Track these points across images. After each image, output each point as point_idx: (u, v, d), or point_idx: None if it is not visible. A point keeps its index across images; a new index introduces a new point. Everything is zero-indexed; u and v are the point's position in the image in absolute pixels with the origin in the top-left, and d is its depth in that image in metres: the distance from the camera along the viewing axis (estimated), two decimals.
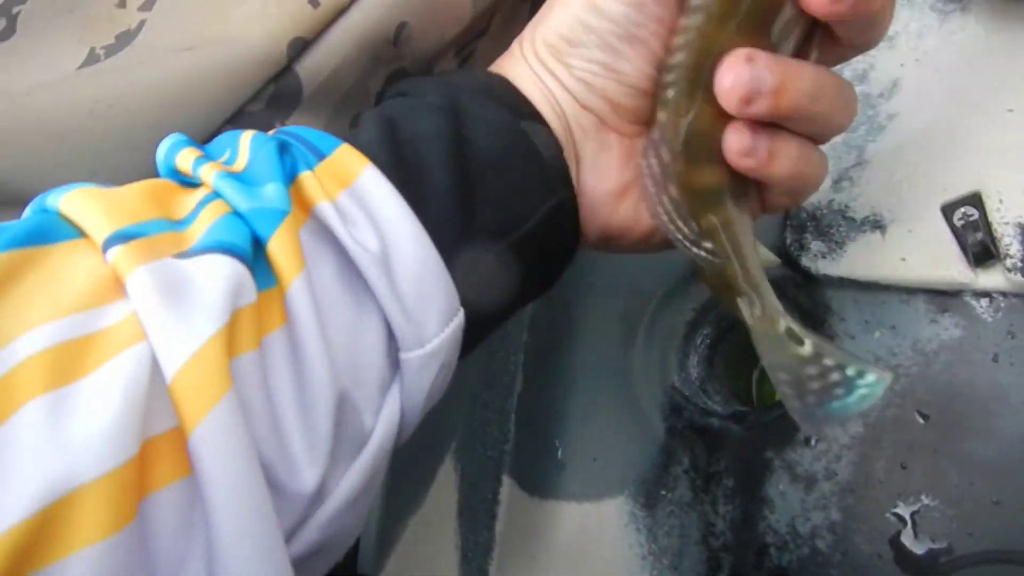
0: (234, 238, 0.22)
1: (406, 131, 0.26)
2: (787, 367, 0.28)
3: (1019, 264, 0.35)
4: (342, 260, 0.24)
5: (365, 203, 0.24)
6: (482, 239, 0.26)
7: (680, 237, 0.28)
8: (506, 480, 0.49)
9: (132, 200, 0.23)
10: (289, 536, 0.22)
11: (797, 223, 0.42)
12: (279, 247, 0.23)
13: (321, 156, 0.25)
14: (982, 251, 0.36)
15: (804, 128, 0.27)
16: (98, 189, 0.24)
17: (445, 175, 0.25)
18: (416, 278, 0.24)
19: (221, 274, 0.21)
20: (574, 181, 0.29)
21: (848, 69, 0.43)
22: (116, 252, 0.21)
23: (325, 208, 0.24)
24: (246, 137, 0.26)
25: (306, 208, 0.24)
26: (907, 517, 0.37)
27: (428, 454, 0.50)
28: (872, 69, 0.42)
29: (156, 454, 0.19)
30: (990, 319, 0.37)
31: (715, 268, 0.28)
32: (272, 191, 0.23)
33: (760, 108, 0.25)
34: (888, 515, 0.37)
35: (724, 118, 0.26)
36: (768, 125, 0.26)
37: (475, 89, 0.28)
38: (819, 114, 0.26)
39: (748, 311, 0.28)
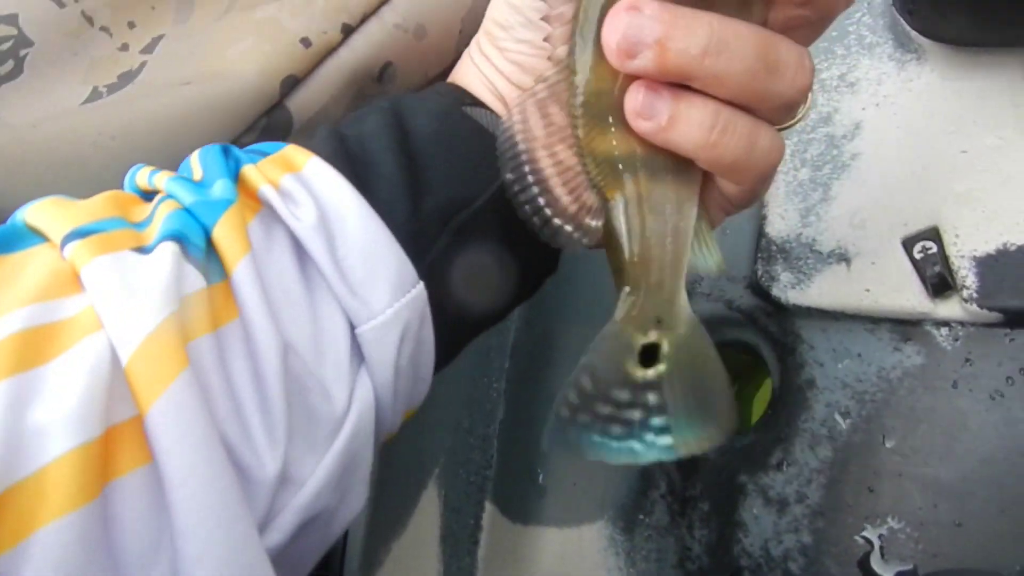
0: (180, 227, 0.23)
1: (352, 132, 0.27)
2: (598, 376, 0.24)
3: (975, 295, 0.37)
4: (295, 244, 0.25)
5: (310, 186, 0.25)
6: (438, 215, 0.26)
7: (546, 208, 0.24)
8: (488, 506, 0.49)
9: (93, 204, 0.24)
10: (269, 522, 0.23)
11: (768, 255, 0.44)
12: (222, 234, 0.23)
13: (266, 155, 0.26)
14: (940, 282, 0.38)
15: (720, 91, 0.23)
16: (63, 199, 0.25)
17: (391, 160, 0.26)
18: (362, 252, 0.25)
19: (168, 261, 0.22)
20: None
21: (815, 112, 0.45)
22: (73, 247, 0.22)
23: (266, 190, 0.25)
24: (194, 155, 0.27)
25: (255, 197, 0.25)
26: (874, 540, 0.38)
27: (411, 480, 0.51)
28: (836, 112, 0.45)
29: (120, 441, 0.20)
30: (949, 347, 0.38)
31: (594, 248, 0.25)
32: (219, 186, 0.25)
33: (644, 63, 0.22)
34: (857, 537, 0.38)
35: (630, 77, 0.23)
36: (677, 87, 0.23)
37: (418, 94, 0.29)
38: (726, 72, 0.23)
39: (625, 303, 0.24)
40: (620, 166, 0.24)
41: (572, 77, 0.24)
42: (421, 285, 0.26)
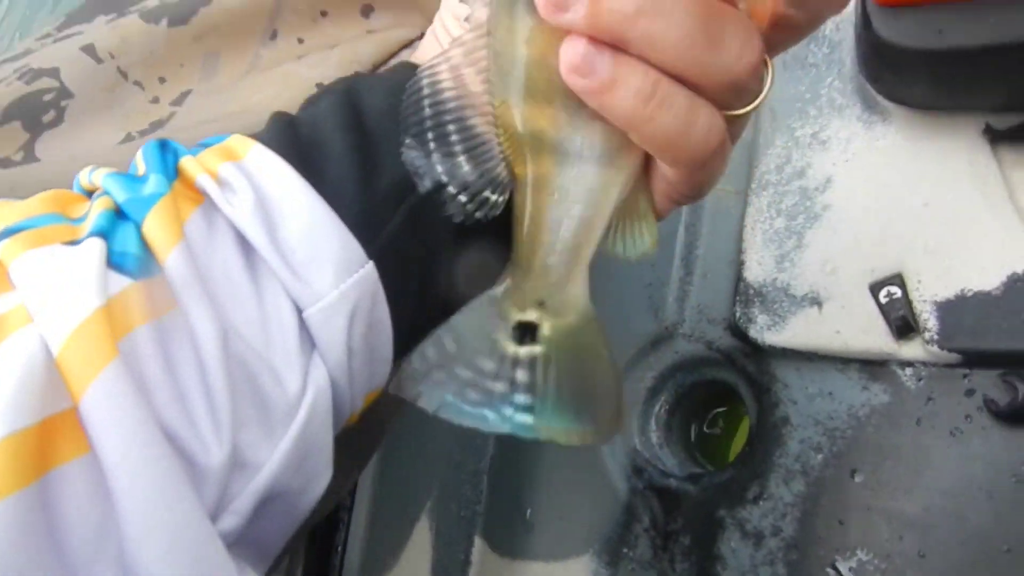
0: (110, 224, 0.23)
1: (303, 117, 0.27)
2: (463, 341, 0.23)
3: (935, 337, 0.40)
4: (239, 233, 0.25)
5: (249, 173, 0.25)
6: (391, 196, 0.25)
7: (443, 175, 0.23)
8: (478, 540, 0.51)
9: (30, 203, 0.25)
10: (226, 505, 0.23)
11: (745, 299, 0.46)
12: (151, 227, 0.23)
13: (209, 146, 0.26)
14: (904, 325, 0.40)
15: (657, 58, 0.22)
16: (4, 201, 0.25)
17: (341, 139, 0.25)
18: (304, 235, 0.24)
19: (96, 256, 0.22)
20: None
21: (789, 167, 0.49)
22: (4, 244, 0.22)
23: (203, 180, 0.24)
24: (138, 153, 0.26)
25: (195, 188, 0.25)
26: (845, 571, 0.39)
27: (404, 513, 0.52)
28: (809, 167, 0.48)
29: (58, 431, 0.20)
30: (913, 386, 0.40)
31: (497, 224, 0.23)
32: (152, 180, 0.24)
33: (575, 16, 0.21)
34: (828, 569, 0.40)
35: (558, 43, 0.22)
36: (617, 49, 0.22)
37: (375, 73, 0.29)
38: (663, 37, 0.21)
39: (508, 277, 0.23)
40: (531, 142, 0.22)
41: (490, 41, 0.22)
42: (371, 265, 0.25)
